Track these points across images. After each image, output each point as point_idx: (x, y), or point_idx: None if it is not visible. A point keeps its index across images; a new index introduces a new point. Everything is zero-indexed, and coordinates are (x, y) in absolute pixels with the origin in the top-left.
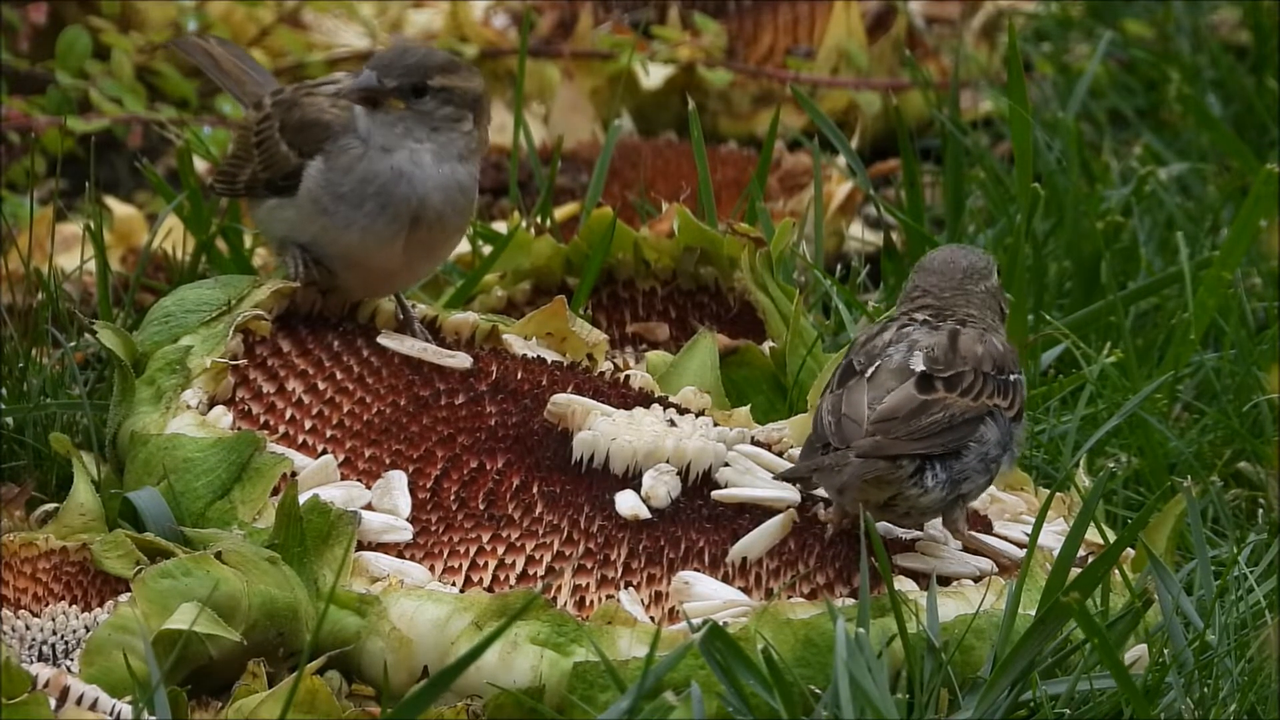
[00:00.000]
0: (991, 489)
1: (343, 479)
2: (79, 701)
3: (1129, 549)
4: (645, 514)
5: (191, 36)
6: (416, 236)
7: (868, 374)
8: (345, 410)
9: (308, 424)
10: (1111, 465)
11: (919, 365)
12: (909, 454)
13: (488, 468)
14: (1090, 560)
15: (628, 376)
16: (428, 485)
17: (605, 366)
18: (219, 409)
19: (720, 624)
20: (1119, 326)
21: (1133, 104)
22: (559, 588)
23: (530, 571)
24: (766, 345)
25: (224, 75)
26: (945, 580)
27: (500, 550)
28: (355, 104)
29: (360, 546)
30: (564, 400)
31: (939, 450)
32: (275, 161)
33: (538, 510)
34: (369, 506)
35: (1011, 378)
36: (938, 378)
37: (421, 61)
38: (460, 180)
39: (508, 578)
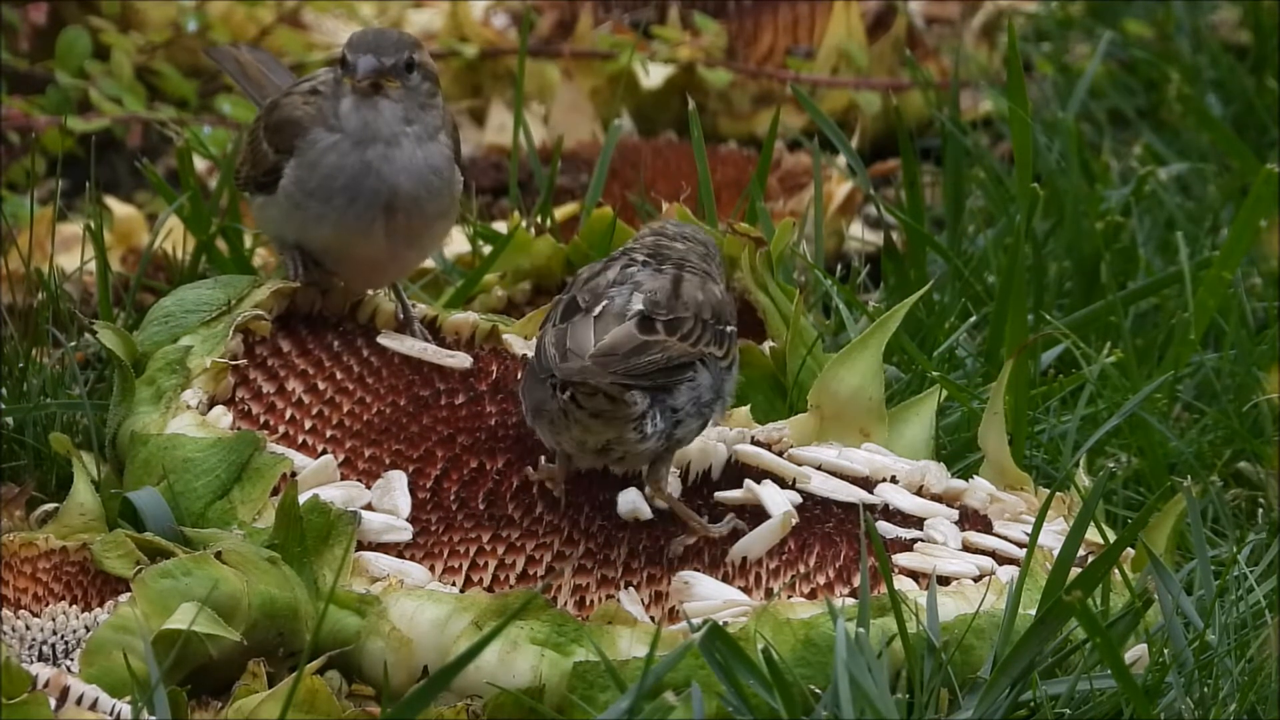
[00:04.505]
0: (991, 489)
1: (343, 479)
2: (79, 701)
3: (1129, 549)
4: (645, 514)
5: (224, 45)
6: (394, 225)
7: (594, 312)
8: (345, 410)
9: (308, 424)
10: (1111, 465)
11: (638, 306)
12: (628, 385)
13: (488, 468)
14: (1090, 560)
15: None
16: (428, 485)
17: None
18: (219, 409)
19: (720, 624)
20: (1119, 326)
21: (1133, 104)
22: (559, 588)
23: (530, 571)
24: (766, 345)
25: (248, 81)
26: (945, 580)
27: (500, 550)
28: (363, 94)
29: (360, 546)
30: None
31: (648, 385)
32: (258, 159)
33: (538, 510)
34: (369, 506)
35: (728, 328)
36: (658, 320)
37: (402, 38)
38: (434, 163)
39: (508, 578)
